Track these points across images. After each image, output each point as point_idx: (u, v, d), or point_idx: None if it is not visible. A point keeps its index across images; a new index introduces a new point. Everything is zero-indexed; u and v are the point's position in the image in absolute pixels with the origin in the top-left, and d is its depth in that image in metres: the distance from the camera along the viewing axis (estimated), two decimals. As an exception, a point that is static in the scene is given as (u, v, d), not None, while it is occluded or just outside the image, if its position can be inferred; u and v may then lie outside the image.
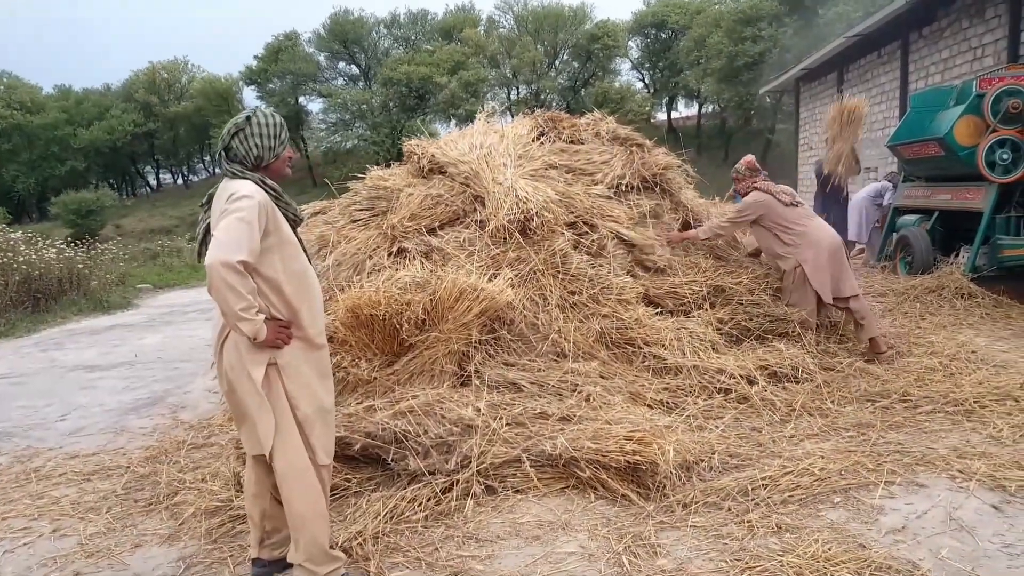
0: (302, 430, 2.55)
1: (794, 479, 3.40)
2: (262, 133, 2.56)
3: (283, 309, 2.53)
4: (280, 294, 2.52)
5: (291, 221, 2.62)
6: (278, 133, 2.60)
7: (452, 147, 5.27)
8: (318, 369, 2.63)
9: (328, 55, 36.52)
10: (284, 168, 2.68)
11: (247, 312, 2.35)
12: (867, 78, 14.56)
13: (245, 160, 2.57)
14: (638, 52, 35.89)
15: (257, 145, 2.56)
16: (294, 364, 2.54)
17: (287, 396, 2.53)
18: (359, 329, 4.05)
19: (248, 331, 2.38)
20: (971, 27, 10.63)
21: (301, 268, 2.57)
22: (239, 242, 2.33)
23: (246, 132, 2.56)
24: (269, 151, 2.58)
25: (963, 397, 4.37)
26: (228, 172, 2.54)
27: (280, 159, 2.63)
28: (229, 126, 2.58)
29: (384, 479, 3.48)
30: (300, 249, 2.61)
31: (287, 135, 2.66)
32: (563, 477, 3.47)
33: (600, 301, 4.67)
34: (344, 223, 5.09)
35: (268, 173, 2.61)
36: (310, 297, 2.59)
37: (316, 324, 2.61)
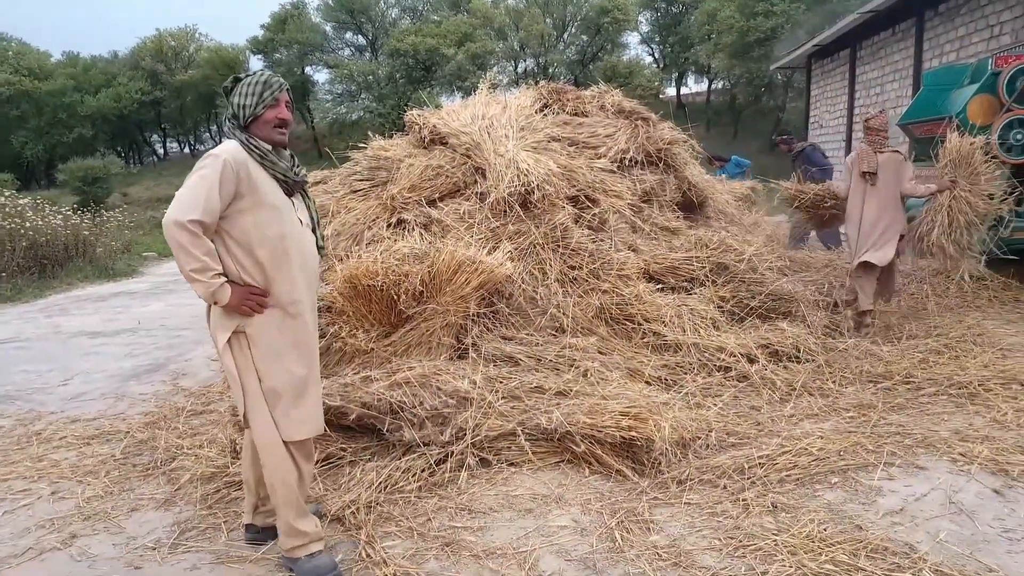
0: (267, 403, 2.49)
1: (792, 458, 3.37)
2: (243, 91, 2.51)
3: (255, 274, 2.45)
4: (252, 258, 2.44)
5: (283, 184, 2.54)
6: (259, 91, 2.50)
7: (454, 118, 5.20)
8: (294, 339, 2.52)
9: (335, 25, 36.07)
10: (269, 130, 2.53)
11: (199, 274, 2.31)
12: (880, 55, 14.28)
13: (233, 119, 2.53)
14: (648, 26, 35.38)
15: (236, 104, 2.51)
16: (264, 333, 2.47)
17: (254, 367, 2.48)
18: (356, 299, 4.01)
19: (201, 292, 2.34)
20: (989, 4, 10.37)
21: (279, 233, 2.47)
22: (195, 201, 2.30)
23: (234, 91, 2.53)
24: (244, 109, 2.50)
25: (968, 380, 4.30)
26: (225, 130, 2.56)
27: (260, 119, 2.51)
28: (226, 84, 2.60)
29: (379, 449, 3.47)
30: (283, 214, 2.50)
31: (272, 95, 2.52)
32: (558, 451, 3.45)
33: (600, 276, 4.62)
34: (344, 193, 5.04)
35: (256, 131, 2.53)
36: (288, 264, 2.49)
37: (293, 293, 2.51)
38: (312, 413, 2.61)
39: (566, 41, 34.07)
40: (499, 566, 2.60)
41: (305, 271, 2.57)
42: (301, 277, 2.54)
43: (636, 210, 5.11)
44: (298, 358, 2.54)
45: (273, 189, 2.49)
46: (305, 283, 2.56)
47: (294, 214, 2.56)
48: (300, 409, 2.54)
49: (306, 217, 2.65)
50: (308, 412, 2.57)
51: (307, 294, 2.58)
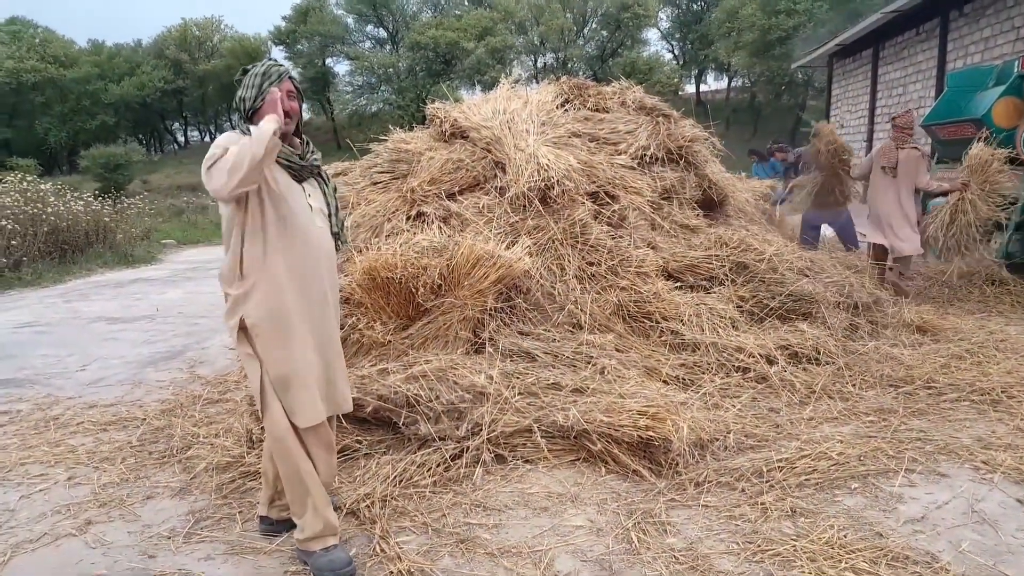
0: (275, 391, 2.49)
1: (811, 462, 3.32)
2: (244, 83, 2.53)
3: (254, 248, 2.46)
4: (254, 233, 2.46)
5: (289, 169, 2.55)
6: (257, 83, 2.50)
7: (475, 112, 5.17)
8: (298, 322, 2.51)
9: (356, 17, 36.19)
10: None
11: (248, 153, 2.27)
12: (904, 56, 14.11)
13: (237, 111, 2.57)
14: (668, 23, 35.18)
15: (238, 97, 2.55)
16: (264, 320, 2.47)
17: (258, 356, 2.49)
18: (375, 291, 4.01)
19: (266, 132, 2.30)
20: (1015, 5, 10.22)
21: (280, 215, 2.48)
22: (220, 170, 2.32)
23: (241, 83, 2.56)
24: (244, 102, 2.52)
25: (990, 386, 4.24)
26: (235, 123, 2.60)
27: (261, 111, 2.47)
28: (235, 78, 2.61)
29: (394, 442, 3.46)
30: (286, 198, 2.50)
31: (271, 85, 2.50)
32: (574, 449, 3.42)
33: (619, 273, 4.58)
34: (364, 185, 5.03)
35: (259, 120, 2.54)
36: (290, 245, 2.49)
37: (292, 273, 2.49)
38: (324, 397, 2.58)
39: (586, 36, 33.96)
40: (514, 564, 2.58)
41: (311, 254, 2.54)
42: (304, 259, 2.52)
43: (656, 207, 5.07)
44: (305, 341, 2.52)
45: (280, 175, 2.50)
46: (311, 266, 2.54)
47: (303, 199, 2.55)
48: (308, 394, 2.51)
49: (319, 203, 2.64)
50: (317, 397, 2.54)
51: (314, 277, 2.56)
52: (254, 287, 2.46)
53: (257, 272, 2.47)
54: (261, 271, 2.47)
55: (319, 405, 2.55)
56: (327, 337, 2.62)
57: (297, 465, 2.53)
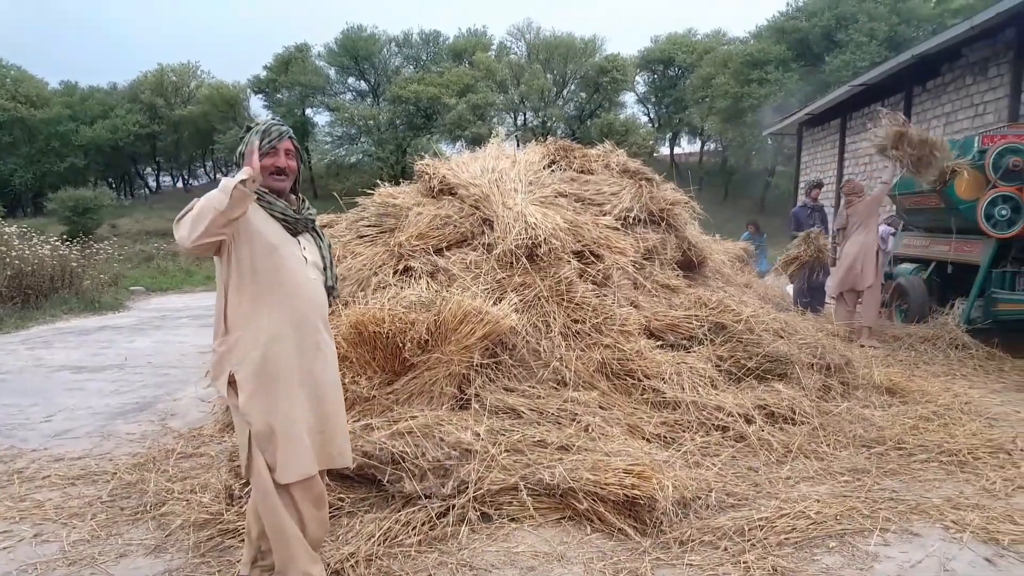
0: (259, 447, 2.48)
1: (790, 521, 3.38)
2: (246, 140, 2.59)
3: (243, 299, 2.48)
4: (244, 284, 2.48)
5: (284, 223, 2.60)
6: (251, 139, 2.56)
7: (464, 169, 5.30)
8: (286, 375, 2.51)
9: (338, 69, 36.82)
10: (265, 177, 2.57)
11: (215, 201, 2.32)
12: (870, 127, 14.72)
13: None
14: (644, 87, 36.37)
15: (238, 151, 2.62)
16: (248, 377, 2.48)
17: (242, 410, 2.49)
18: (361, 345, 4.03)
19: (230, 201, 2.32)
20: (974, 84, 10.83)
21: (273, 266, 2.51)
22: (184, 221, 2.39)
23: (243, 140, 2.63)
24: (242, 157, 2.56)
25: (957, 448, 4.37)
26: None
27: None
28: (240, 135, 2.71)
29: (378, 500, 3.44)
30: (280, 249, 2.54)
31: (270, 144, 2.58)
32: (560, 508, 3.43)
33: (603, 331, 4.67)
34: (351, 238, 5.09)
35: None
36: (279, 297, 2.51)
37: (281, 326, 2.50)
38: (317, 451, 2.57)
39: (565, 97, 34.93)
40: (504, 624, 2.57)
41: (303, 305, 2.56)
42: (296, 310, 2.54)
43: (638, 267, 5.20)
44: (292, 394, 2.52)
45: (274, 228, 2.55)
46: (304, 317, 2.55)
47: (297, 251, 2.60)
48: (293, 447, 2.49)
49: (315, 256, 2.67)
50: (304, 451, 2.52)
51: (307, 328, 2.57)
52: (238, 341, 2.47)
53: (242, 326, 2.48)
54: (246, 324, 2.48)
55: (306, 460, 2.53)
56: (323, 389, 2.62)
57: (281, 522, 2.51)
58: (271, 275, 2.49)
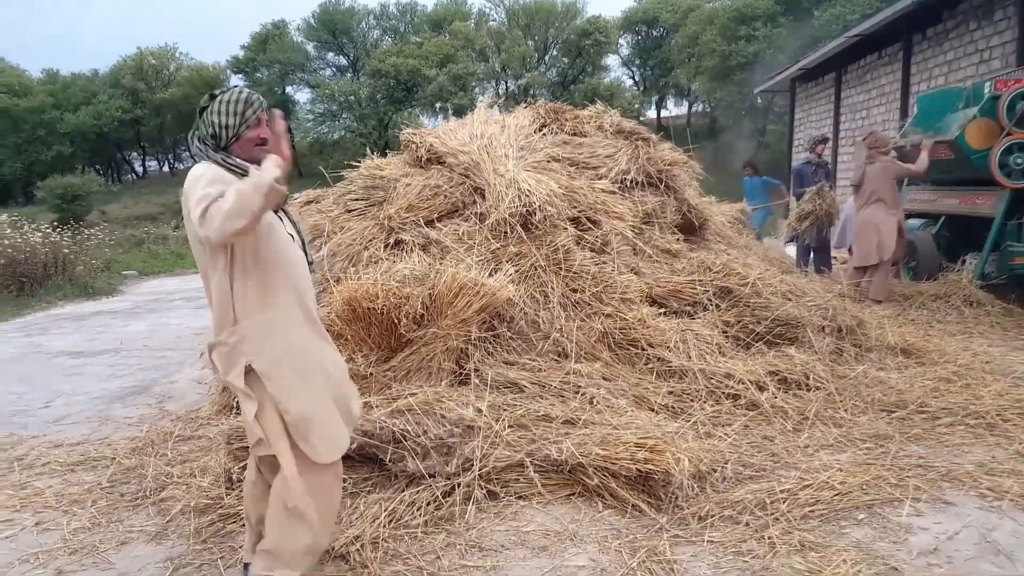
0: (298, 433, 2.33)
1: (814, 493, 3.21)
2: (221, 110, 2.33)
3: (254, 291, 2.29)
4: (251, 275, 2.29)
5: None
6: (240, 110, 2.33)
7: (451, 136, 5.06)
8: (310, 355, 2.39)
9: (317, 45, 36.19)
10: (251, 150, 2.36)
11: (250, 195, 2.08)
12: (867, 79, 14.43)
13: (206, 139, 2.35)
14: (628, 49, 35.77)
15: (215, 123, 2.34)
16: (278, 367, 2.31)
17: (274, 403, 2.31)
18: (355, 323, 3.84)
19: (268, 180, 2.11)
20: (978, 29, 10.49)
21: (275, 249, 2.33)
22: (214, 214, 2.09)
23: (209, 109, 2.35)
24: (226, 129, 2.33)
25: (984, 410, 4.17)
26: (195, 152, 2.35)
27: (243, 139, 2.34)
28: (201, 103, 2.39)
29: (381, 480, 3.27)
30: (275, 229, 2.36)
31: (255, 113, 2.35)
32: (568, 484, 3.27)
33: (603, 300, 4.47)
34: (339, 213, 4.87)
35: (237, 151, 2.36)
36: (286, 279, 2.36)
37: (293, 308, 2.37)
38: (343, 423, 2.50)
39: (547, 63, 34.37)
40: (516, 613, 2.41)
41: (303, 284, 2.44)
42: (300, 291, 2.41)
43: (637, 232, 4.99)
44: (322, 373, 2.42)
45: None
46: (306, 295, 2.44)
47: (284, 228, 2.44)
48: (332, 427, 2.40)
49: (294, 231, 2.52)
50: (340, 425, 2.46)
51: (312, 306, 2.48)
52: (251, 329, 2.29)
53: (253, 313, 2.29)
54: (262, 310, 2.30)
55: (343, 434, 2.47)
56: (334, 357, 2.54)
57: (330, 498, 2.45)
58: (275, 257, 2.33)
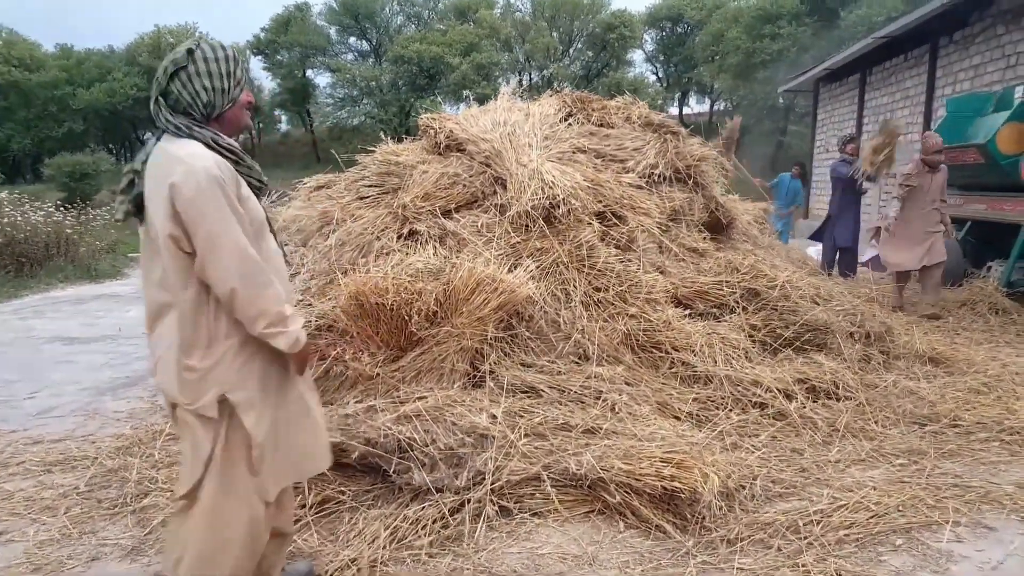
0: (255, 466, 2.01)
1: (848, 515, 3.01)
2: (211, 71, 1.94)
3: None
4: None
5: (255, 188, 2.06)
6: (232, 70, 1.98)
7: (472, 123, 4.83)
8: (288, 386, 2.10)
9: (339, 29, 35.87)
10: (243, 117, 2.07)
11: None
12: (891, 81, 14.08)
13: (191, 109, 1.94)
14: (652, 45, 35.39)
15: (206, 88, 1.94)
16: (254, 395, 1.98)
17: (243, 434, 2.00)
18: (363, 318, 3.63)
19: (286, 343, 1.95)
20: (1006, 33, 10.16)
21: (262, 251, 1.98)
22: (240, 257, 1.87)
23: (190, 71, 1.92)
24: (222, 95, 1.97)
25: (1019, 425, 3.99)
26: (169, 127, 1.92)
27: (238, 105, 2.03)
28: (166, 63, 1.94)
29: (384, 493, 3.07)
30: (263, 226, 2.04)
31: (245, 72, 2.06)
32: (587, 500, 3.06)
33: (627, 300, 4.25)
34: (350, 199, 4.66)
35: (223, 126, 2.02)
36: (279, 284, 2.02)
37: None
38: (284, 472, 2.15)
39: (571, 56, 34.03)
40: (532, 647, 2.20)
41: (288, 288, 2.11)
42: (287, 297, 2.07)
43: (664, 229, 4.76)
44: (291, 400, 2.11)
45: (254, 199, 2.03)
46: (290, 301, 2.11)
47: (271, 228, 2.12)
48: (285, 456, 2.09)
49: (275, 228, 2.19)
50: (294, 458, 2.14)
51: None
52: (227, 353, 1.94)
53: (231, 333, 1.94)
54: (236, 330, 1.94)
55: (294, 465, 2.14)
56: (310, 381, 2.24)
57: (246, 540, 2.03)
58: (268, 263, 2.00)
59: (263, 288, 1.90)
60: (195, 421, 1.95)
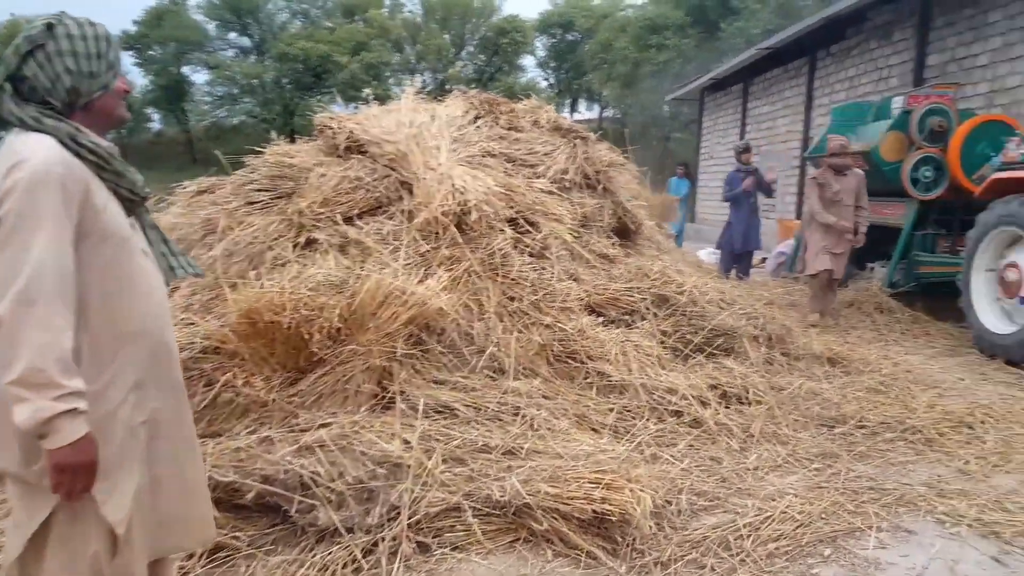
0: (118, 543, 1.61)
1: (776, 526, 2.97)
2: (77, 50, 1.58)
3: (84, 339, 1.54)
4: (81, 314, 1.53)
5: (125, 200, 1.66)
6: (103, 50, 1.62)
7: (375, 123, 4.53)
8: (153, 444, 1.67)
9: (218, 24, 34.12)
10: (117, 108, 1.69)
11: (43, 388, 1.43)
12: (773, 91, 14.83)
13: (51, 97, 1.57)
14: (544, 51, 35.91)
15: (70, 70, 1.57)
16: (112, 457, 1.57)
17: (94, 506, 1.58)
18: (255, 338, 3.26)
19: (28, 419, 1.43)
20: (878, 48, 10.90)
21: (127, 273, 1.62)
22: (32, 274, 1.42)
23: (49, 50, 1.56)
24: (90, 79, 1.60)
25: (920, 424, 4.14)
26: (12, 118, 1.55)
27: (110, 93, 1.65)
28: (18, 41, 1.58)
29: (285, 536, 2.72)
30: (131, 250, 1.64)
31: (118, 56, 1.68)
32: (512, 528, 2.84)
33: (542, 309, 4.09)
34: (238, 205, 4.25)
35: (91, 118, 1.63)
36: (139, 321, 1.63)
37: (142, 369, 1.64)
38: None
39: (464, 59, 33.94)
40: None
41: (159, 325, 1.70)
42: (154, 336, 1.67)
43: (575, 236, 4.64)
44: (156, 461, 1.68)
45: (118, 211, 1.63)
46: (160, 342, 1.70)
47: (138, 240, 1.70)
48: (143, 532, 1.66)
49: (146, 246, 1.74)
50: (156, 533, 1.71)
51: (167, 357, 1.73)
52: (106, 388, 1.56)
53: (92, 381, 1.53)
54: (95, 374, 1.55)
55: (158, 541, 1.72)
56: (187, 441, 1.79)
57: None
58: (126, 288, 1.61)
59: (40, 330, 1.42)
60: (31, 494, 1.53)
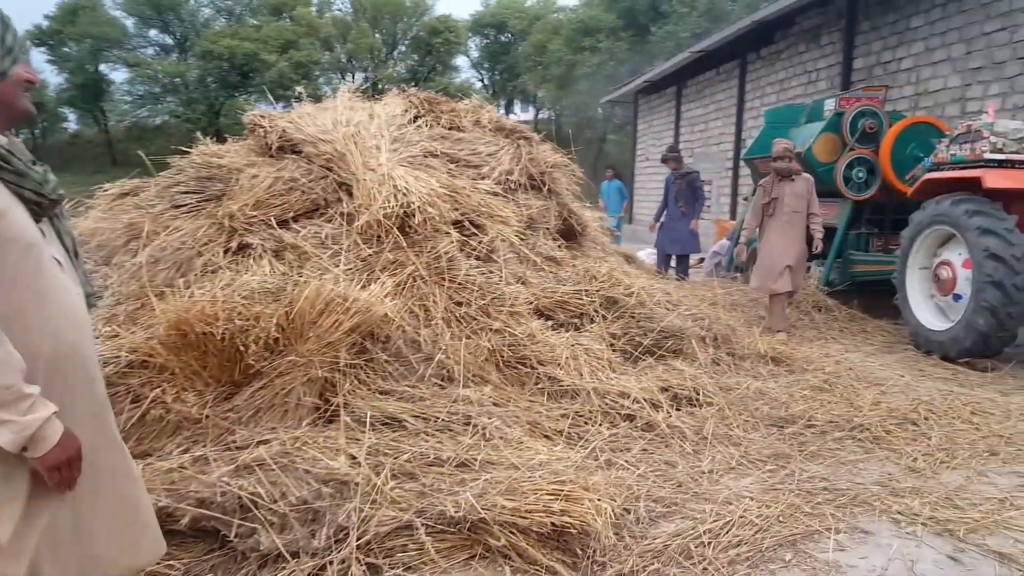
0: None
1: (736, 532, 2.92)
2: None
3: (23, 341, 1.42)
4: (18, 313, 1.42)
5: (32, 203, 1.51)
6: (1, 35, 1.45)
7: (309, 122, 4.31)
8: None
9: (137, 20, 32.70)
10: (18, 98, 1.51)
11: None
12: (705, 94, 15.11)
13: None
14: (478, 52, 35.82)
15: None
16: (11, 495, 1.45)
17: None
18: (186, 351, 3.02)
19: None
20: (807, 52, 11.20)
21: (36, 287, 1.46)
22: None
23: None
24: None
25: (867, 422, 4.18)
26: None
27: (9, 81, 1.48)
28: None
29: (224, 562, 2.52)
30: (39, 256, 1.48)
31: (20, 43, 1.50)
32: (467, 545, 2.70)
33: (491, 314, 3.97)
34: (163, 208, 3.97)
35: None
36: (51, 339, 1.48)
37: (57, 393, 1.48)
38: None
39: (396, 58, 33.51)
40: None
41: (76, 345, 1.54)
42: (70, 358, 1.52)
43: (522, 238, 4.53)
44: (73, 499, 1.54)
45: (23, 215, 1.47)
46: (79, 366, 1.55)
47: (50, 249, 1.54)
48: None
49: (62, 254, 1.60)
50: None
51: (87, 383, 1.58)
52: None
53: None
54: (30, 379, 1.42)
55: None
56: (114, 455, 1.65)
57: None
58: (35, 300, 1.45)
59: None
60: None
